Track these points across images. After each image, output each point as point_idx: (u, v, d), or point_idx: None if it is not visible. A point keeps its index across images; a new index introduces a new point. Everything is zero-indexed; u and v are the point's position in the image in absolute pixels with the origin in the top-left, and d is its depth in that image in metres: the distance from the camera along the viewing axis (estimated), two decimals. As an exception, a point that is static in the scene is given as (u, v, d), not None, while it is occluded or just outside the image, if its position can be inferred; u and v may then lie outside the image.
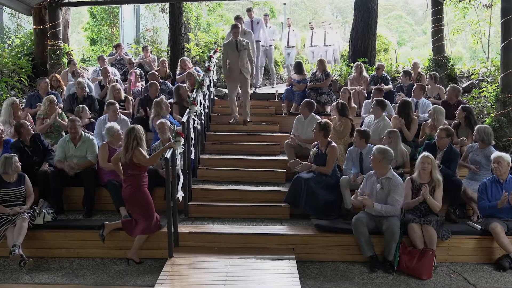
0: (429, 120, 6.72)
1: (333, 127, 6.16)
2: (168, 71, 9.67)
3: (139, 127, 4.95)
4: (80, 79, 8.02)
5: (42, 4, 10.53)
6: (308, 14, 38.33)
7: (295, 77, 8.79)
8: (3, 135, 5.96)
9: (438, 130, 5.80)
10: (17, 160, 5.15)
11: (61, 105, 7.59)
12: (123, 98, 7.74)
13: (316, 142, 5.85)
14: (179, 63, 9.42)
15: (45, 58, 10.58)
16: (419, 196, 4.91)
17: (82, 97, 7.60)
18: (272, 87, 11.13)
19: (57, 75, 8.83)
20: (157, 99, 6.87)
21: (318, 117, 6.73)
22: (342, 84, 9.98)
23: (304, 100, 6.96)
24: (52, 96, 7.04)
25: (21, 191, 5.14)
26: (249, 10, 10.55)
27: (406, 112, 6.60)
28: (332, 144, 5.65)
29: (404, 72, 8.72)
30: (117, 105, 6.84)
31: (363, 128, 6.25)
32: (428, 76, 8.62)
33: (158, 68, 9.63)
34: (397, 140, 5.81)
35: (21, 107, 7.13)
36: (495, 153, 5.30)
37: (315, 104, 7.12)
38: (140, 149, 4.82)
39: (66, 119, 6.78)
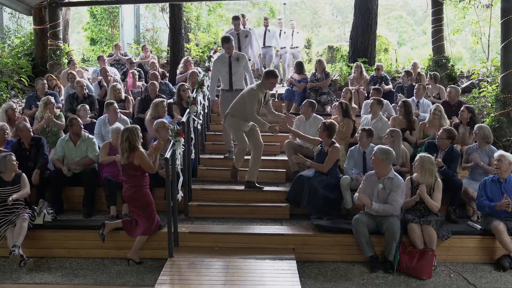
0: (426, 119, 6.74)
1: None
2: (161, 70, 9.64)
3: (133, 127, 4.87)
4: (78, 79, 8.02)
5: (42, 4, 10.52)
6: (308, 14, 38.33)
7: (296, 77, 8.79)
8: (6, 134, 5.96)
9: (440, 130, 5.81)
10: (13, 159, 5.14)
11: (60, 105, 7.59)
12: (123, 98, 7.75)
13: (321, 141, 5.85)
14: (183, 63, 9.37)
15: (45, 58, 10.57)
16: (415, 195, 4.91)
17: (82, 97, 7.60)
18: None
19: (52, 75, 8.83)
20: (156, 101, 6.80)
21: (320, 117, 6.72)
22: (342, 84, 9.98)
23: (306, 101, 6.91)
24: (48, 97, 7.02)
25: (17, 190, 5.12)
26: (235, 19, 8.81)
27: (409, 112, 6.62)
28: (335, 145, 5.65)
29: (406, 72, 8.72)
30: (115, 104, 6.83)
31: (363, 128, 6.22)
32: (428, 76, 8.62)
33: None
34: (399, 140, 5.82)
35: (20, 111, 7.13)
36: (498, 152, 5.31)
37: (316, 104, 7.11)
38: (143, 152, 4.81)
39: (64, 120, 6.79)
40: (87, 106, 7.12)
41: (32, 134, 5.97)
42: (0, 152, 5.57)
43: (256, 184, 5.91)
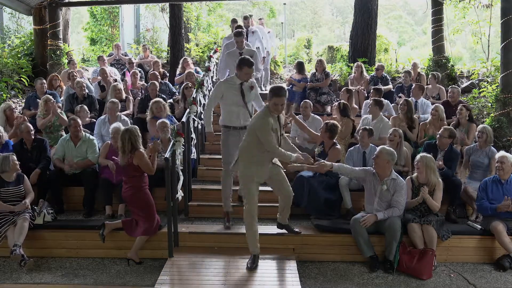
0: (428, 120, 6.74)
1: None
2: (162, 70, 9.66)
3: (133, 128, 4.89)
4: (78, 79, 8.03)
5: (42, 4, 10.53)
6: (308, 14, 38.36)
7: (295, 77, 8.79)
8: (1, 135, 5.97)
9: (441, 130, 5.81)
10: (15, 158, 5.15)
11: (60, 105, 7.60)
12: (124, 98, 7.75)
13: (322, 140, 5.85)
14: (181, 63, 9.40)
15: (45, 58, 10.59)
16: (418, 197, 4.93)
17: (82, 97, 7.61)
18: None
19: (58, 75, 8.84)
20: (153, 100, 6.84)
21: (319, 117, 6.73)
22: (342, 84, 9.97)
23: (304, 101, 6.90)
24: (47, 95, 7.07)
25: (20, 191, 5.14)
26: (238, 35, 6.94)
27: (411, 111, 6.63)
28: (336, 146, 5.64)
29: (406, 72, 8.73)
30: (117, 104, 6.82)
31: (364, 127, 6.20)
32: (431, 76, 8.61)
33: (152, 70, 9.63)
34: (402, 140, 5.84)
35: (20, 111, 7.15)
36: (500, 153, 5.30)
37: (312, 103, 7.10)
38: (143, 152, 4.82)
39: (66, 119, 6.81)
40: (86, 107, 7.12)
41: (33, 137, 5.95)
42: None
43: (293, 228, 4.98)
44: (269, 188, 5.93)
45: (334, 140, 5.70)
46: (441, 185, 5.00)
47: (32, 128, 6.00)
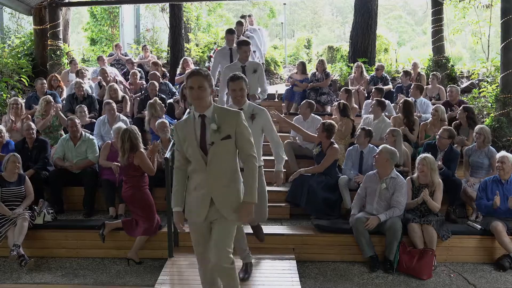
0: (429, 120, 6.73)
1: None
2: (163, 70, 9.66)
3: (132, 128, 4.92)
4: (77, 79, 8.02)
5: (42, 4, 10.53)
6: (308, 14, 38.38)
7: (297, 77, 8.79)
8: (1, 137, 5.96)
9: (440, 130, 5.81)
10: (16, 159, 5.15)
11: (59, 105, 7.61)
12: (120, 98, 7.74)
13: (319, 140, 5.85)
14: (181, 63, 9.41)
15: (45, 58, 10.58)
16: (418, 198, 4.93)
17: (81, 97, 7.61)
18: None
19: (57, 75, 8.84)
20: (151, 101, 6.86)
21: (319, 117, 6.73)
22: (342, 84, 9.98)
23: (305, 101, 6.90)
24: (49, 96, 7.06)
25: (21, 191, 5.15)
26: (243, 44, 5.51)
27: (410, 111, 6.62)
28: (334, 145, 5.64)
29: (404, 72, 8.72)
30: (113, 104, 6.83)
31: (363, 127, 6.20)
32: (431, 76, 8.61)
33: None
34: (400, 139, 5.83)
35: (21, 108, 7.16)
36: (500, 153, 5.30)
37: (314, 104, 7.11)
38: (143, 152, 4.82)
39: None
40: (85, 107, 7.13)
41: (34, 136, 5.96)
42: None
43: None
44: (268, 188, 5.95)
45: (332, 140, 5.70)
46: (441, 186, 5.00)
47: (33, 126, 6.01)
